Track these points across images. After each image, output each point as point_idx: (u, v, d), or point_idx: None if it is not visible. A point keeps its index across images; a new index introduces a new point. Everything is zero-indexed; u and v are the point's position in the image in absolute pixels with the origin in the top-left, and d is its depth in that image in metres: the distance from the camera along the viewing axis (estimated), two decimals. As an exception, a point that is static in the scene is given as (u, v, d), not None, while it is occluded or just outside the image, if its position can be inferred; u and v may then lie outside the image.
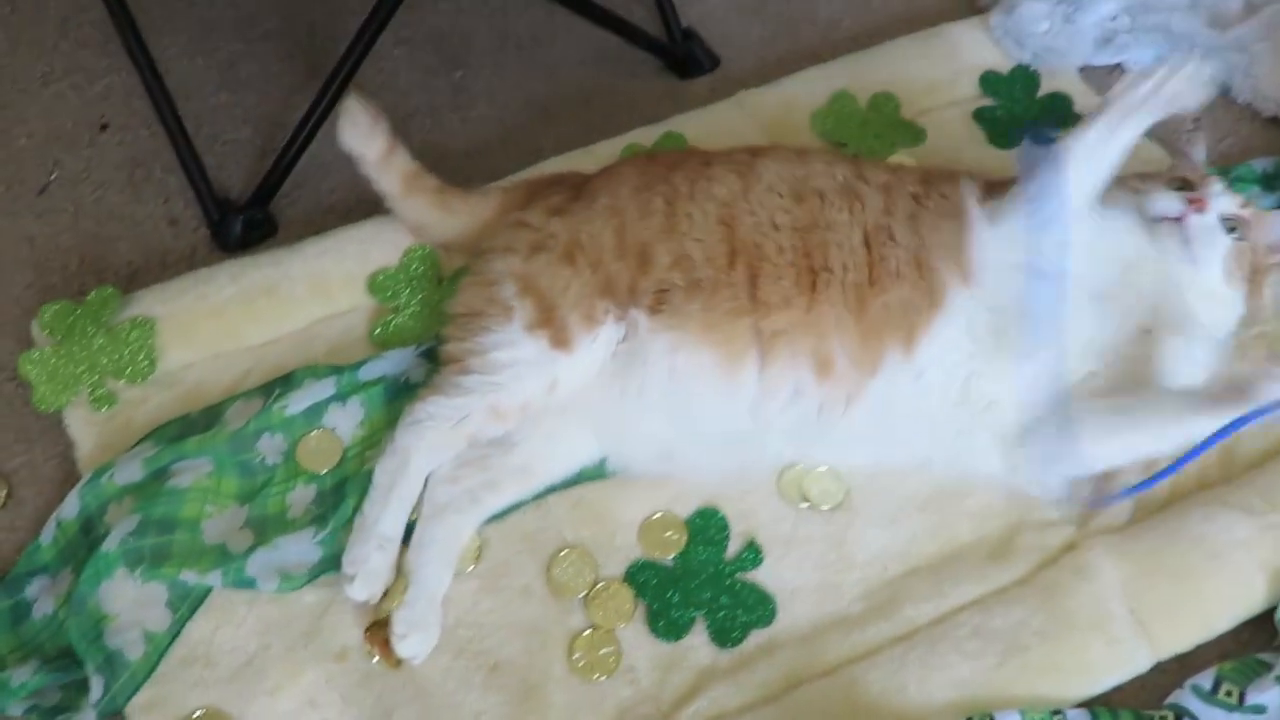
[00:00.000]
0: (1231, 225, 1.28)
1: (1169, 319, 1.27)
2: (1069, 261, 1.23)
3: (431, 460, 1.26)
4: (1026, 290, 1.23)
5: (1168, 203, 1.28)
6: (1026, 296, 1.23)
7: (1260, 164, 1.65)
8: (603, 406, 1.27)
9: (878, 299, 1.24)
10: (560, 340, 1.26)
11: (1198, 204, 1.27)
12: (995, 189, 1.32)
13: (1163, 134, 1.39)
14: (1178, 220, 1.27)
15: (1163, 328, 1.27)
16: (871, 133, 1.65)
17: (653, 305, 1.26)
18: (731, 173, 1.31)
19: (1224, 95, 1.74)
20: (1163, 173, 1.36)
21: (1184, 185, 1.30)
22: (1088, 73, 1.77)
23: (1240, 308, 1.31)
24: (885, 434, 1.27)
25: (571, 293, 1.27)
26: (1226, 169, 1.61)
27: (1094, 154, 1.26)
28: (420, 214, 1.45)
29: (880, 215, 1.28)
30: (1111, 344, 1.27)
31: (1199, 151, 1.41)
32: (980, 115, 1.69)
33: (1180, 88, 1.25)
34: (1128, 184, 1.31)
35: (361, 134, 1.41)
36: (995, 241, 1.26)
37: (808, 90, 1.69)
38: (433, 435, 1.25)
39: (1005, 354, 1.24)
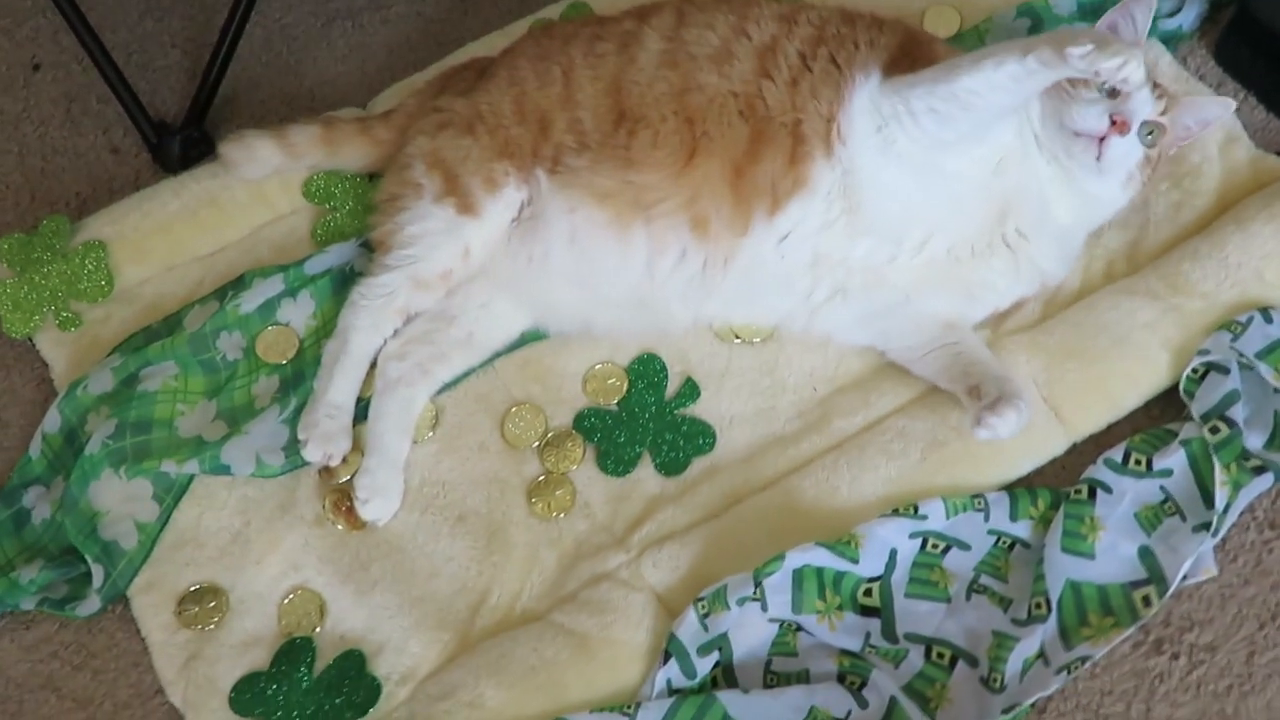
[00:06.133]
0: (1149, 130, 1.24)
1: (1027, 217, 1.28)
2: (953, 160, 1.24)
3: (371, 337, 1.34)
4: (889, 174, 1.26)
5: (1092, 119, 1.22)
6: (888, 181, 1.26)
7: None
8: (517, 277, 1.34)
9: (749, 168, 1.27)
10: (466, 206, 1.32)
11: (1121, 127, 1.21)
12: (908, 56, 1.28)
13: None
14: (1097, 138, 1.22)
15: (1019, 222, 1.28)
16: (779, -18, 1.67)
17: (552, 168, 1.31)
18: (618, 41, 1.34)
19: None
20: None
21: (1112, 93, 1.22)
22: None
23: (1118, 207, 1.30)
24: (756, 292, 1.33)
25: (472, 160, 1.32)
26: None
27: (1015, 84, 1.18)
28: (354, 159, 1.49)
29: (753, 79, 1.28)
30: (958, 233, 1.28)
31: (1138, 26, 1.24)
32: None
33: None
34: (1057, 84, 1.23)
35: (253, 160, 1.45)
36: (870, 116, 1.25)
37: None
38: (366, 314, 1.33)
39: (854, 223, 1.28)
